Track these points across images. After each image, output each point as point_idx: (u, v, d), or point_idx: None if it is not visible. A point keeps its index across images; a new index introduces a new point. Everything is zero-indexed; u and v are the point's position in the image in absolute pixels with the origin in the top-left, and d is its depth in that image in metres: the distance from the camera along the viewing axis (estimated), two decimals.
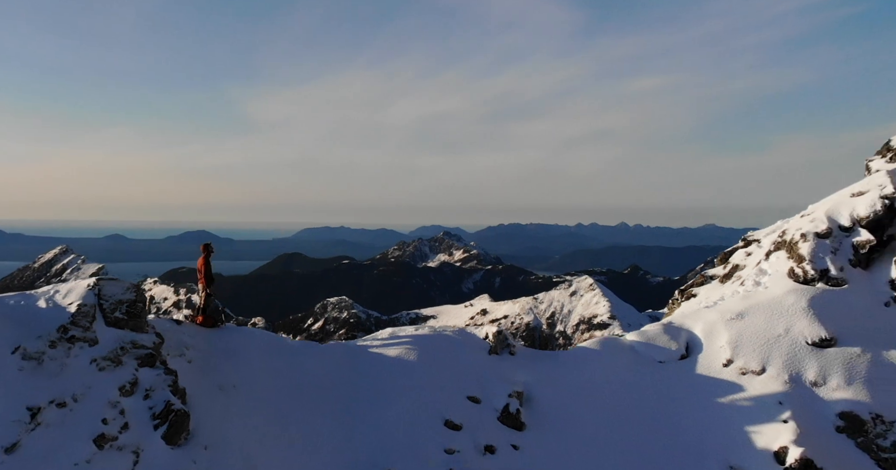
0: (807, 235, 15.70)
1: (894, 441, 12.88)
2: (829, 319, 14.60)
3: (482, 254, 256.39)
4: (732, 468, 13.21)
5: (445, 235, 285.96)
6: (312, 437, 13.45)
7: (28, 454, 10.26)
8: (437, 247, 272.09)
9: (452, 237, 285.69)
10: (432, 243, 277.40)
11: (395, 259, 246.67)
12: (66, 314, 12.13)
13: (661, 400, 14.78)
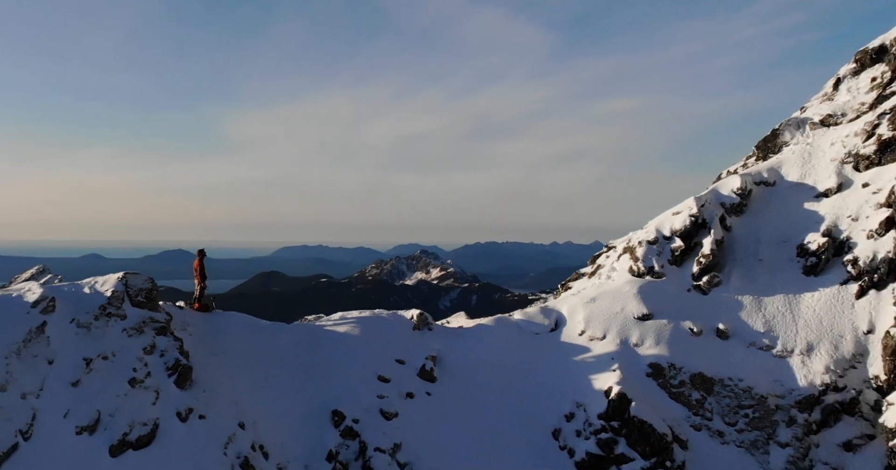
0: (641, 242, 20.68)
1: (681, 381, 17.73)
2: (650, 300, 19.52)
3: (459, 272, 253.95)
4: (577, 403, 17.93)
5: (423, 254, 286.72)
6: (280, 388, 17.75)
7: (86, 388, 14.36)
8: (415, 265, 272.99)
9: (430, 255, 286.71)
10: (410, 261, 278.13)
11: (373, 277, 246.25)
12: (104, 298, 16.29)
13: (534, 359, 19.44)
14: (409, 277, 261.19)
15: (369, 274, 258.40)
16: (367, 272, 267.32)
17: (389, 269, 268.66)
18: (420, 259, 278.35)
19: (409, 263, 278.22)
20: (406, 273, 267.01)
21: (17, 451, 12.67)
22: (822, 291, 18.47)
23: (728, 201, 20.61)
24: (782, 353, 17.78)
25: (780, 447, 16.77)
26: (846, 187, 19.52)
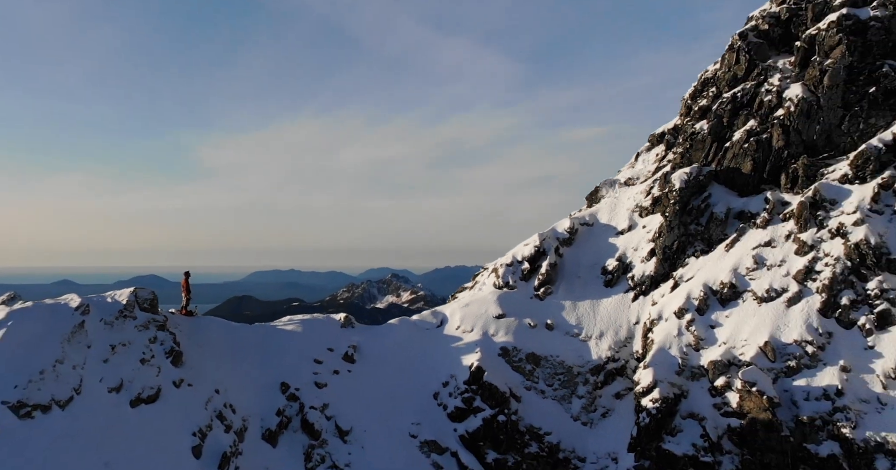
0: (502, 265, 27.99)
1: (520, 358, 24.82)
2: (504, 305, 26.70)
3: (429, 295, 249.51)
4: (451, 374, 24.67)
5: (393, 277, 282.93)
6: (244, 367, 23.71)
7: (113, 363, 19.99)
8: (386, 288, 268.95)
9: (400, 279, 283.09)
10: (381, 285, 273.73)
11: (345, 301, 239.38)
12: (121, 305, 21.97)
13: (424, 346, 26.14)
14: (381, 300, 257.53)
15: (341, 298, 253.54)
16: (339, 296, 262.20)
17: (361, 292, 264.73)
18: (391, 283, 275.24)
19: (380, 287, 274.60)
20: (377, 297, 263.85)
21: (72, 401, 18.29)
22: (613, 297, 26.09)
23: (561, 236, 28.19)
24: (585, 338, 25.17)
25: (578, 398, 24.00)
26: (633, 228, 27.43)
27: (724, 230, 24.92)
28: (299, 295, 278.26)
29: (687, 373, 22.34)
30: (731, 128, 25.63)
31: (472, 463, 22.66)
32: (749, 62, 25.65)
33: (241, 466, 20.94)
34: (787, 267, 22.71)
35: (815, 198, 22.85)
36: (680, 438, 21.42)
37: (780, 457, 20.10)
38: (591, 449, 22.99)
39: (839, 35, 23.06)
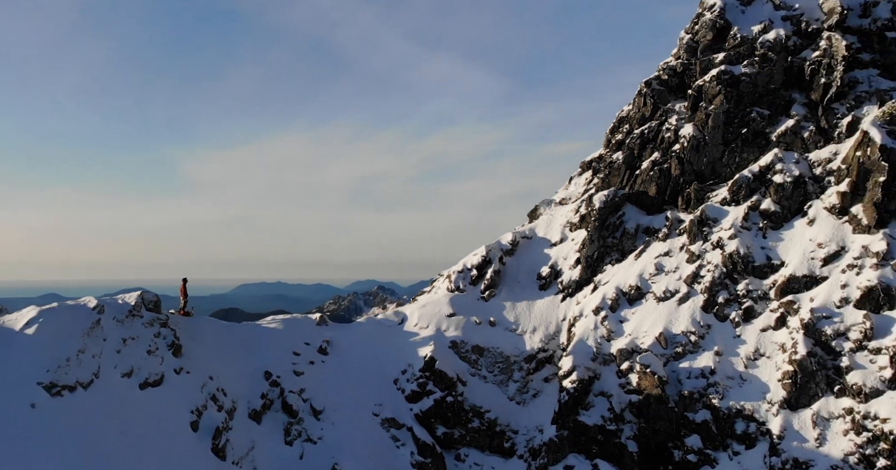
0: (455, 272, 32.07)
1: (467, 349, 28.83)
2: (455, 305, 30.66)
3: None
4: (409, 363, 28.50)
5: (380, 290, 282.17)
6: (233, 358, 27.21)
7: (125, 354, 23.36)
8: (372, 300, 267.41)
9: (386, 291, 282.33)
10: (367, 297, 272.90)
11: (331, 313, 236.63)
12: (130, 305, 25.36)
13: (387, 341, 30.00)
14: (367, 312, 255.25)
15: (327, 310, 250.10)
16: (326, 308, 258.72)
17: (347, 304, 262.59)
18: (377, 295, 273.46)
19: (366, 299, 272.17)
20: (363, 309, 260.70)
21: (92, 383, 21.65)
22: (545, 298, 30.29)
23: (504, 248, 32.37)
24: (521, 332, 29.28)
25: (514, 382, 28.05)
26: (564, 241, 31.74)
27: (634, 242, 29.36)
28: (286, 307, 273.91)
29: (600, 359, 26.53)
30: (640, 158, 30.19)
31: (424, 436, 26.47)
32: (653, 105, 30.32)
33: (231, 439, 24.45)
34: (679, 272, 27.15)
35: (702, 217, 27.42)
36: (592, 412, 25.56)
37: (668, 424, 24.35)
38: (523, 423, 27.01)
39: (719, 86, 27.82)
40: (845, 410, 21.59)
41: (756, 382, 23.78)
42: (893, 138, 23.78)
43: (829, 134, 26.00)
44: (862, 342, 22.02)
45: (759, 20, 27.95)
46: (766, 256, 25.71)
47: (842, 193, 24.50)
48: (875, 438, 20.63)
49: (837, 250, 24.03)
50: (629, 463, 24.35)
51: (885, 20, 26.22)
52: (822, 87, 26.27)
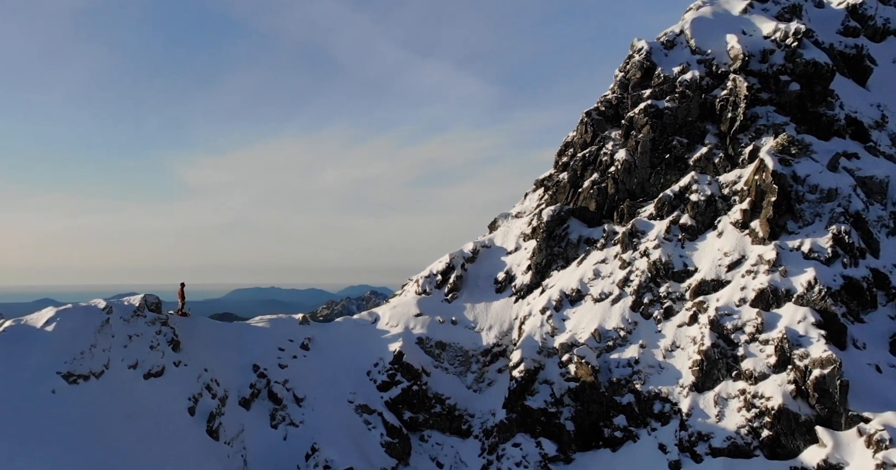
0: (422, 277, 35.35)
1: (431, 345, 31.96)
2: (422, 306, 33.78)
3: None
4: (380, 357, 31.60)
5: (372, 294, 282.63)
6: (225, 353, 30.03)
7: (131, 348, 26.00)
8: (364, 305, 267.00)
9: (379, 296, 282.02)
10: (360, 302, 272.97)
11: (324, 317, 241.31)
12: (134, 306, 28.15)
13: (362, 338, 33.04)
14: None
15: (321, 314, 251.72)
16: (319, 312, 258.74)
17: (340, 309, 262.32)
18: (370, 300, 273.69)
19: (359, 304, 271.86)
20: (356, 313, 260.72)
21: (103, 373, 24.37)
22: (501, 300, 33.65)
23: (466, 255, 35.68)
24: (479, 330, 32.57)
25: (471, 373, 31.28)
26: (518, 250, 35.16)
27: (576, 251, 32.90)
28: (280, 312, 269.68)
29: (545, 352, 29.89)
30: (582, 178, 33.81)
31: (392, 420, 29.58)
32: (593, 133, 33.99)
33: (223, 423, 27.29)
34: (613, 277, 30.69)
35: (632, 229, 31.04)
36: (536, 397, 28.88)
37: (599, 406, 27.74)
38: (478, 408, 30.25)
39: (646, 118, 31.57)
40: (740, 391, 25.17)
41: (672, 369, 27.30)
42: (783, 165, 27.64)
43: (735, 160, 29.82)
44: (754, 335, 25.66)
45: (678, 62, 31.79)
46: (683, 263, 29.36)
47: (744, 211, 28.26)
48: (761, 414, 24.23)
49: (739, 258, 27.74)
50: (567, 440, 27.70)
51: (780, 65, 30.15)
52: (729, 120, 30.12)
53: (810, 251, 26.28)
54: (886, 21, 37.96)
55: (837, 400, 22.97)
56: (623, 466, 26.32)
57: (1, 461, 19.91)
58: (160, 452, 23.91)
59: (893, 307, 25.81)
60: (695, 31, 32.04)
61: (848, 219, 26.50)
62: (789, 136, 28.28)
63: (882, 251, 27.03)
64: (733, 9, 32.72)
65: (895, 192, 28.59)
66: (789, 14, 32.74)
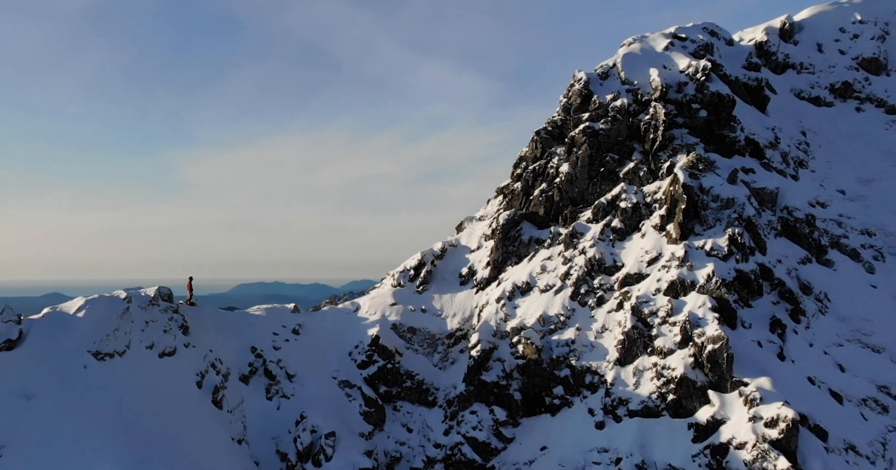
0: (397, 271, 39.27)
1: (403, 330, 35.86)
2: (397, 297, 37.73)
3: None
4: (360, 340, 35.45)
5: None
6: (226, 336, 33.63)
7: (147, 332, 29.42)
8: None
9: None
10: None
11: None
12: (150, 297, 31.75)
13: (345, 323, 36.89)
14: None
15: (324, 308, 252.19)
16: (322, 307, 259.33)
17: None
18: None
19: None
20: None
21: (125, 353, 27.95)
22: (464, 292, 37.62)
23: (435, 253, 39.59)
24: (444, 317, 36.53)
25: (437, 353, 35.24)
26: (480, 248, 39.16)
27: (527, 250, 37.00)
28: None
29: (498, 335, 33.94)
30: (533, 187, 37.93)
31: (370, 393, 33.44)
32: (542, 149, 38.12)
33: (226, 395, 30.96)
34: (557, 272, 34.83)
35: (573, 231, 35.20)
36: (491, 373, 32.91)
37: (542, 379, 31.83)
38: (443, 382, 34.22)
39: (585, 137, 35.76)
40: (652, 364, 29.39)
41: (601, 347, 31.49)
42: (692, 178, 31.94)
43: (656, 173, 34.08)
44: (665, 318, 29.91)
45: (611, 91, 35.97)
46: (613, 260, 33.59)
47: (661, 216, 32.53)
48: (668, 382, 28.46)
49: (656, 256, 32.00)
50: (515, 408, 31.77)
51: (692, 95, 34.42)
52: (651, 140, 34.37)
53: (711, 249, 30.61)
54: (787, 56, 42.56)
55: (725, 369, 27.23)
56: (560, 427, 30.45)
57: (47, 422, 23.52)
58: (173, 419, 27.49)
59: (775, 295, 30.21)
60: (625, 65, 36.30)
61: (741, 223, 30.87)
62: (698, 154, 32.61)
63: (769, 249, 31.44)
64: (657, 46, 37.03)
65: (783, 200, 33.04)
66: (703, 51, 37.13)
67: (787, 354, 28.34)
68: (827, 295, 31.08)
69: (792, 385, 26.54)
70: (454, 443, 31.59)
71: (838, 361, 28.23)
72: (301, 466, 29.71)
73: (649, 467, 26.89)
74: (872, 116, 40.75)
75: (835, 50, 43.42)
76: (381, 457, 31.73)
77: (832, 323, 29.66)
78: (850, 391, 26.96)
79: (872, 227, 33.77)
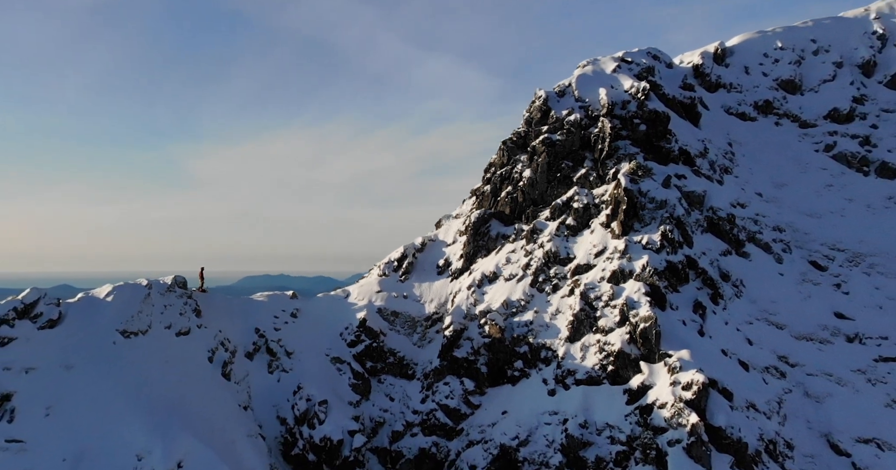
0: (382, 263, 42.73)
1: (387, 313, 39.41)
2: (382, 285, 41.11)
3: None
4: (349, 322, 38.89)
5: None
6: (233, 319, 36.76)
7: (166, 314, 32.32)
8: None
9: None
10: None
11: None
12: (167, 284, 34.84)
13: (338, 308, 40.30)
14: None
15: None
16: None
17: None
18: None
19: None
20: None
21: (147, 332, 31.10)
22: (440, 280, 41.14)
23: (416, 247, 42.99)
24: (423, 302, 40.02)
25: (416, 334, 38.85)
26: (455, 242, 42.68)
27: (495, 244, 40.60)
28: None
29: (468, 317, 37.49)
30: (500, 190, 41.50)
31: (357, 368, 36.90)
32: (508, 156, 41.68)
33: (233, 369, 34.21)
34: (520, 263, 38.46)
35: (534, 228, 38.84)
36: (462, 350, 36.51)
37: (504, 355, 35.45)
38: (421, 358, 37.80)
39: (543, 147, 39.36)
40: (596, 340, 33.15)
41: (554, 327, 35.19)
42: (633, 183, 35.66)
43: (603, 178, 37.77)
44: (608, 302, 33.66)
45: (566, 107, 39.56)
46: (567, 253, 37.28)
47: (607, 215, 36.24)
48: (608, 355, 32.22)
49: (602, 249, 35.72)
50: (481, 379, 35.40)
51: (633, 112, 38.09)
52: (599, 150, 38.04)
53: (646, 244, 34.40)
54: (719, 77, 46.45)
55: (654, 344, 31.05)
56: (518, 395, 34.17)
57: (84, 388, 26.73)
58: (189, 388, 30.70)
59: (699, 282, 34.09)
60: (578, 85, 39.92)
61: (672, 221, 34.68)
62: (638, 162, 36.35)
63: (695, 243, 35.30)
64: (606, 68, 40.68)
65: (709, 202, 36.91)
66: (646, 73, 40.83)
67: (706, 330, 32.23)
68: (742, 281, 35.04)
69: (707, 356, 30.43)
70: (429, 409, 35.26)
71: (748, 336, 32.20)
72: (298, 429, 33.21)
73: (590, 426, 30.69)
74: (788, 130, 44.83)
75: (759, 72, 47.41)
76: (366, 422, 35.33)
77: (745, 305, 33.62)
78: (755, 361, 30.92)
79: (783, 225, 37.80)
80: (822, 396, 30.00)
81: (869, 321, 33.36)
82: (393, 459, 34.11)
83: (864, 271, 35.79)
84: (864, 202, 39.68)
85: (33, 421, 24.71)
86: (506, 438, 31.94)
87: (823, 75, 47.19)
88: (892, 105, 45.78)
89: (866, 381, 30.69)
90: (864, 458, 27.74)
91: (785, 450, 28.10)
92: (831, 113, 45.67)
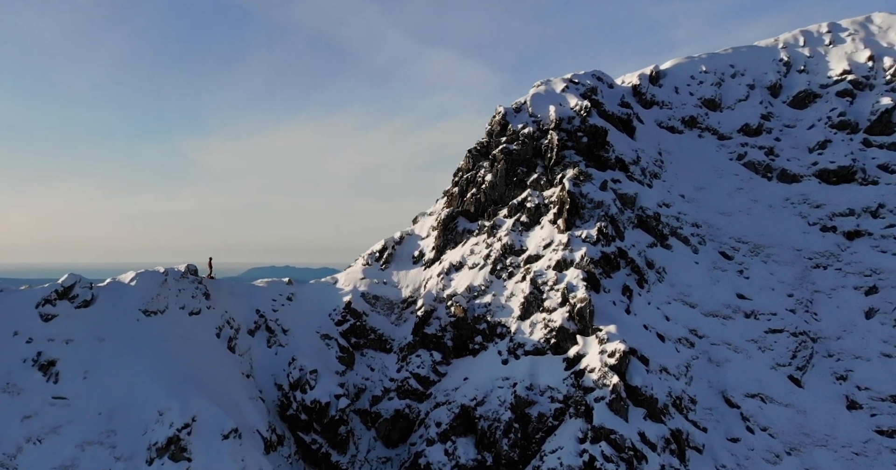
0: (366, 253, 46.57)
1: (370, 298, 43.46)
2: (365, 273, 44.84)
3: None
4: (336, 305, 42.80)
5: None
6: (237, 301, 40.41)
7: (180, 297, 36.29)
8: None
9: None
10: None
11: None
12: (181, 271, 38.42)
13: (327, 295, 44.15)
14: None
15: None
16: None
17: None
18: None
19: None
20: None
21: (164, 311, 34.81)
22: (415, 269, 45.12)
23: (395, 240, 46.89)
24: (400, 287, 43.89)
25: (394, 314, 42.76)
26: (428, 236, 46.59)
27: (462, 238, 44.58)
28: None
29: (437, 300, 41.52)
30: (466, 191, 45.45)
31: (343, 343, 40.79)
32: (473, 162, 45.59)
33: (237, 343, 38.08)
34: (481, 254, 42.49)
35: (494, 224, 42.86)
36: (431, 327, 40.56)
37: (467, 332, 39.55)
38: (397, 335, 41.79)
39: (502, 155, 43.32)
40: (543, 318, 37.31)
41: (509, 308, 39.28)
42: (575, 186, 39.71)
43: (552, 182, 41.81)
44: (552, 286, 37.82)
45: (522, 122, 43.47)
46: (521, 245, 41.36)
47: (554, 213, 40.32)
48: (551, 330, 36.37)
49: (549, 242, 39.82)
50: (447, 352, 39.44)
51: (577, 126, 42.09)
52: (548, 158, 42.06)
53: (585, 237, 38.55)
54: (653, 96, 50.54)
55: (588, 320, 35.24)
56: (478, 365, 38.28)
57: (114, 357, 30.47)
58: (200, 358, 34.33)
59: (629, 269, 38.32)
60: (532, 103, 43.85)
61: (607, 219, 38.84)
62: (580, 169, 40.43)
63: (626, 237, 39.50)
64: (557, 88, 44.62)
65: (640, 202, 41.10)
66: (590, 92, 44.81)
67: (632, 309, 36.53)
68: (664, 269, 39.37)
69: (631, 330, 34.73)
70: (403, 377, 39.36)
71: (666, 313, 36.54)
72: (292, 394, 37.16)
73: (535, 388, 34.90)
74: (709, 141, 49.19)
75: (687, 92, 51.67)
76: (350, 388, 39.35)
77: (665, 288, 37.95)
78: (670, 333, 35.27)
79: (700, 221, 42.13)
80: (722, 361, 34.43)
81: (763, 300, 37.84)
82: (373, 418, 38.27)
83: (762, 260, 40.25)
84: (766, 203, 44.20)
85: (73, 382, 28.44)
86: (466, 399, 36.11)
87: (739, 95, 51.69)
88: (792, 121, 50.37)
89: (758, 348, 35.14)
90: (749, 409, 32.22)
91: (689, 404, 32.52)
92: (744, 127, 50.18)
